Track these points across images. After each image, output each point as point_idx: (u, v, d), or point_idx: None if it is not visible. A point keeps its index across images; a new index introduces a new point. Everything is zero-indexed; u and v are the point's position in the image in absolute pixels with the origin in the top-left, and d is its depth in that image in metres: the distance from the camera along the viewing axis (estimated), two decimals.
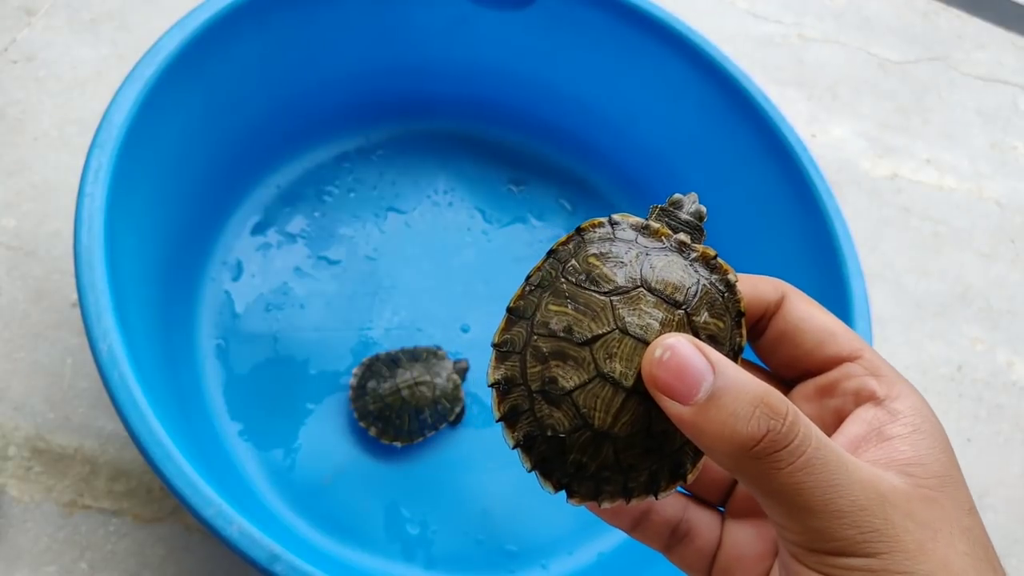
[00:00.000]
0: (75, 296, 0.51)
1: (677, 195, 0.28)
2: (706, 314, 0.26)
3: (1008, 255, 0.73)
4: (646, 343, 0.24)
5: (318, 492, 0.52)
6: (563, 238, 0.27)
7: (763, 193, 0.58)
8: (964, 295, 0.70)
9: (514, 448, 0.26)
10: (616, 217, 0.27)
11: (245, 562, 0.37)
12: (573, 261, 0.26)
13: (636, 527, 0.29)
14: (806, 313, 0.27)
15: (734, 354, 0.26)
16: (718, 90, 0.58)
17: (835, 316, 0.28)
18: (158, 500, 0.50)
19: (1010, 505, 0.61)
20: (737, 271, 0.29)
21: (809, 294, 0.57)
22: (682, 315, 0.25)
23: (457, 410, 0.55)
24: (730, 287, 0.27)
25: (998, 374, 0.67)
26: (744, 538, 0.28)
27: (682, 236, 0.27)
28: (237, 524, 0.37)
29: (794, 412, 0.22)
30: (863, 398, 0.26)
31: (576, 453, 0.25)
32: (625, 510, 0.28)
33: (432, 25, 0.61)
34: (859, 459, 0.24)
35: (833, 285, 0.51)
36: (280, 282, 0.58)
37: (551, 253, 0.27)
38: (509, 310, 0.27)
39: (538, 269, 0.27)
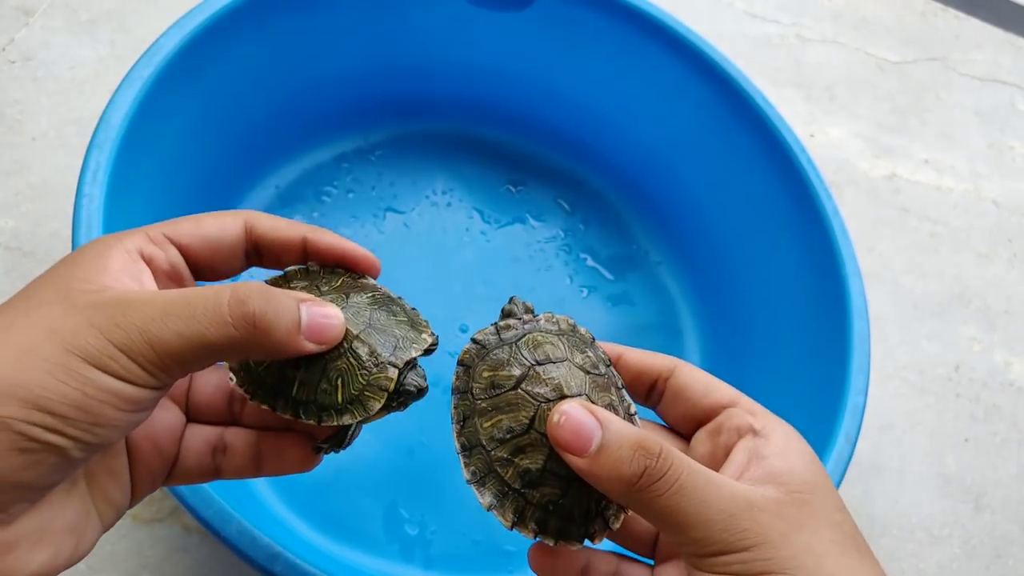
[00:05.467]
0: None
1: (506, 306, 0.34)
2: (579, 354, 0.32)
3: (1005, 255, 0.73)
4: (564, 396, 0.30)
5: (317, 492, 0.52)
6: (453, 377, 0.32)
7: (761, 193, 0.58)
8: (961, 295, 0.70)
9: (535, 538, 0.30)
10: (476, 336, 0.32)
11: (244, 562, 0.37)
12: (473, 385, 0.31)
13: None
14: (693, 374, 0.34)
15: (605, 366, 0.33)
16: (716, 90, 0.58)
17: (714, 376, 0.34)
18: (157, 501, 0.50)
19: (1006, 505, 0.61)
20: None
21: (807, 294, 0.57)
22: (567, 363, 0.31)
23: None
24: (572, 325, 0.33)
25: (995, 374, 0.67)
26: None
27: (523, 316, 0.33)
28: (236, 524, 0.37)
29: (666, 450, 0.27)
30: (743, 431, 0.31)
31: (576, 506, 0.30)
32: (563, 568, 0.32)
33: (430, 26, 0.61)
34: (743, 478, 0.29)
35: (831, 285, 0.52)
36: None
37: (454, 391, 0.32)
38: (460, 450, 0.31)
39: (455, 408, 0.32)
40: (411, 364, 0.30)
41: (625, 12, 0.58)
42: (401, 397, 0.30)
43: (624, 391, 0.33)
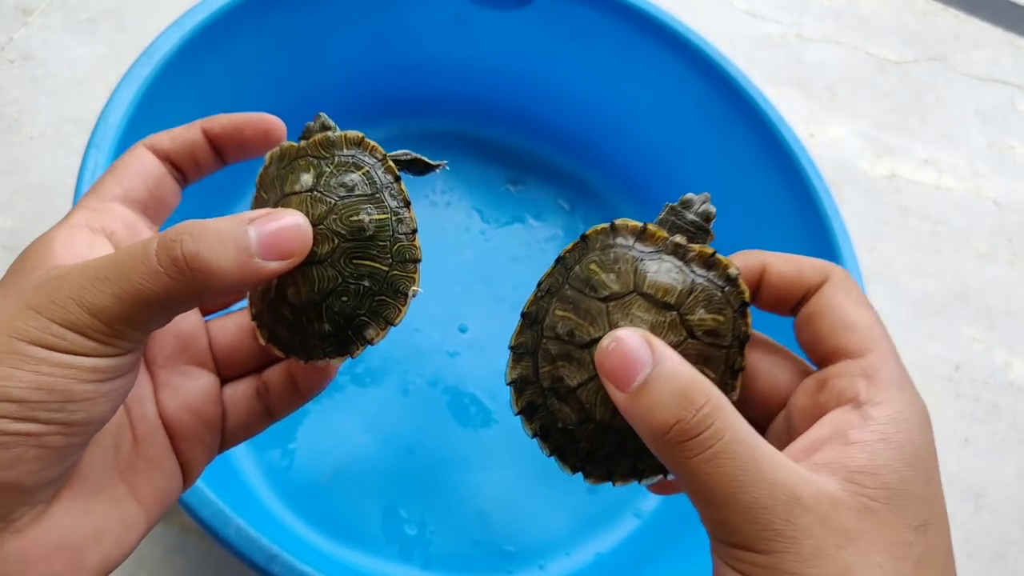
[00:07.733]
0: None
1: (690, 195, 0.30)
2: (702, 311, 0.27)
3: (1006, 255, 0.73)
4: None
5: (316, 492, 0.52)
6: (570, 245, 0.29)
7: (761, 193, 0.58)
8: (962, 295, 0.70)
9: (533, 438, 0.29)
10: (617, 223, 0.29)
11: (242, 563, 0.37)
12: (576, 268, 0.28)
13: None
14: (835, 300, 0.27)
15: (739, 343, 0.28)
16: (716, 90, 0.58)
17: (872, 314, 0.27)
18: None
19: (1006, 505, 0.61)
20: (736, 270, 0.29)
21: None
22: (674, 316, 0.27)
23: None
24: (731, 280, 0.28)
25: (995, 374, 0.67)
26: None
27: (678, 238, 0.28)
28: (235, 524, 0.37)
29: (713, 405, 0.23)
30: (845, 399, 0.26)
31: (584, 442, 0.28)
32: None
33: (430, 24, 0.61)
34: (811, 459, 0.24)
35: None
36: None
37: (559, 260, 0.29)
38: (523, 315, 0.29)
39: (548, 275, 0.29)
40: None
41: (625, 11, 0.58)
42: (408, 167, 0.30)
43: (739, 378, 0.28)
